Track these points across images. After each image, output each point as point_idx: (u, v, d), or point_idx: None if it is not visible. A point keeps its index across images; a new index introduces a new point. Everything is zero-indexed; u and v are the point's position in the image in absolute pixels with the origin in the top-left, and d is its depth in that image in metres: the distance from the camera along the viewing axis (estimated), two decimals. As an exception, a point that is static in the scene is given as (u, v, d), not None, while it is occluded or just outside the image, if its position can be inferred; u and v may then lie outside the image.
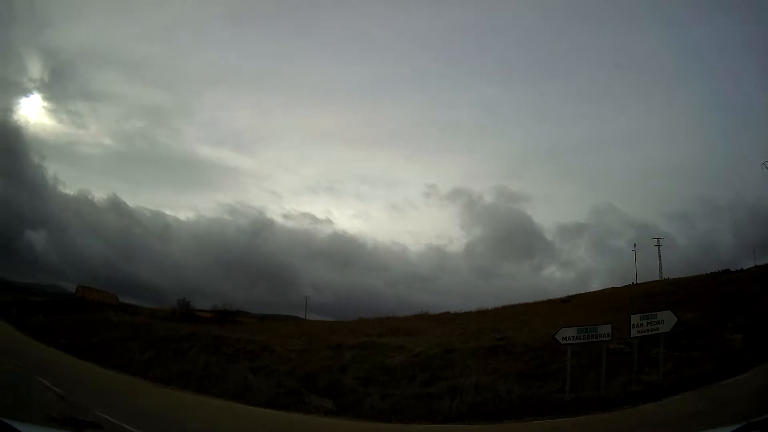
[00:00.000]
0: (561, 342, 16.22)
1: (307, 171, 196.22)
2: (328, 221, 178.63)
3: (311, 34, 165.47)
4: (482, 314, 30.47)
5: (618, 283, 47.69)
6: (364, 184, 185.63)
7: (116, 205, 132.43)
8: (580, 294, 40.96)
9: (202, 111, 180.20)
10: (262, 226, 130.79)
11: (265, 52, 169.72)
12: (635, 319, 16.61)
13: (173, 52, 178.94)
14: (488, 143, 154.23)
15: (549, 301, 37.56)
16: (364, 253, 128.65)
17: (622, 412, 13.47)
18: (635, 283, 47.11)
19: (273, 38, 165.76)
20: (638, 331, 16.42)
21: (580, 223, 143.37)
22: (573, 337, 16.21)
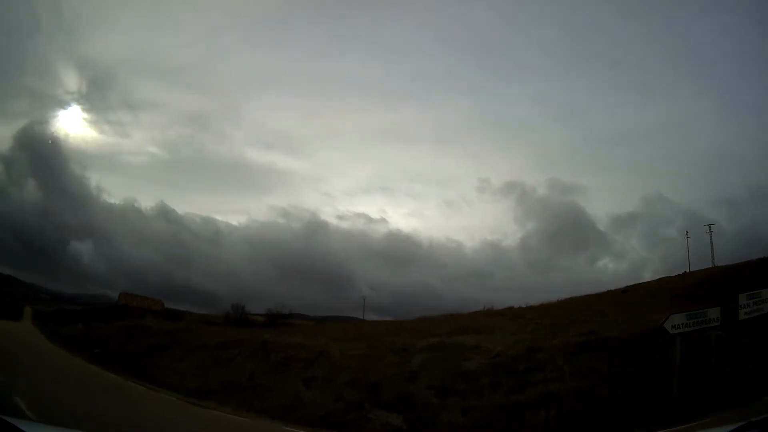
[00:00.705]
0: (670, 331, 13.67)
1: (360, 171, 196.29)
2: (383, 220, 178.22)
3: (357, 35, 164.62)
4: (548, 308, 27.72)
5: (670, 272, 45.11)
6: (417, 182, 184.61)
7: (164, 213, 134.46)
8: (637, 284, 38.36)
9: (249, 115, 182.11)
10: (316, 228, 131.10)
11: (312, 53, 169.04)
12: (743, 298, 15.04)
13: (215, 57, 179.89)
14: (539, 136, 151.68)
15: (609, 291, 35.19)
16: (420, 251, 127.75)
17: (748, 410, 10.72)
18: (689, 271, 44.22)
19: (319, 39, 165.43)
20: (746, 313, 14.88)
21: (631, 212, 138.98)
22: (683, 324, 13.79)
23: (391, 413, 13.45)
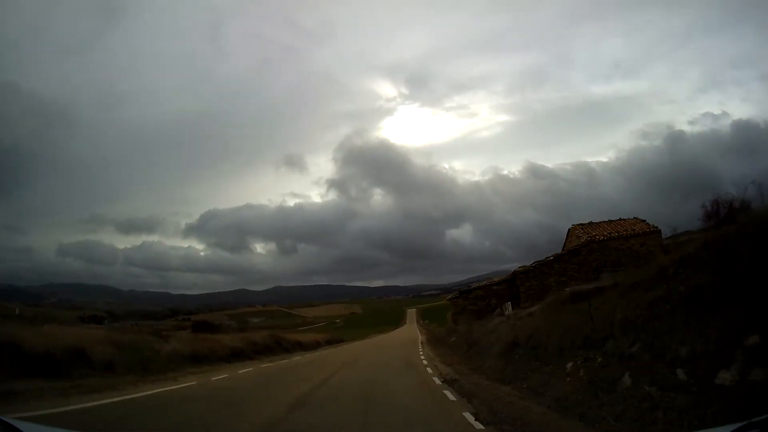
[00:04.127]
0: None
1: (691, 72, 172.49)
2: (725, 114, 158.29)
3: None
4: None
5: None
6: (734, 68, 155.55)
7: (533, 171, 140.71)
8: None
9: (576, 52, 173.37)
10: (674, 140, 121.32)
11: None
12: None
13: (527, 9, 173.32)
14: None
15: None
16: (764, 136, 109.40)
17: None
18: None
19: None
20: None
21: None
22: None
23: None
